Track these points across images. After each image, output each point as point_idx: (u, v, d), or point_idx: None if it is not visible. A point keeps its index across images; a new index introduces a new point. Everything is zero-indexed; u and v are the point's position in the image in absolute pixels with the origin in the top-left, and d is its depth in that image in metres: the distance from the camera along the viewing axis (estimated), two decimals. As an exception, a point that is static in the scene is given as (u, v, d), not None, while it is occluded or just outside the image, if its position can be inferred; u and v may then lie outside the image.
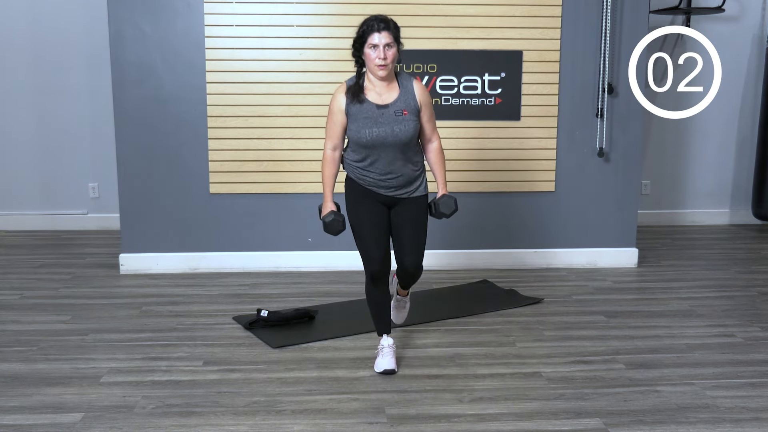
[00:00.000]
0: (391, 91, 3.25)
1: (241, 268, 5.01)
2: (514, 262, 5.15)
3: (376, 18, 3.18)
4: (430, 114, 3.32)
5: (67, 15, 5.97)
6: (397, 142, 3.21)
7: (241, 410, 2.96)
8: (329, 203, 3.36)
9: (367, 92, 3.24)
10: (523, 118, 4.98)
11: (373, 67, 3.18)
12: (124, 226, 4.94)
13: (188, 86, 4.80)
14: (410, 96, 3.25)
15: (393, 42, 3.15)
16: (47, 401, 3.02)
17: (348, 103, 3.23)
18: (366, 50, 3.18)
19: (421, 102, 3.27)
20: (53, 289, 4.58)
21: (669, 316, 4.17)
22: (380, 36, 3.13)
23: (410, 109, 3.23)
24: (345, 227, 3.37)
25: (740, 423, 2.88)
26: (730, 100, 6.49)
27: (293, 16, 4.76)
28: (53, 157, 6.18)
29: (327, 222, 3.33)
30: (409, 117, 3.22)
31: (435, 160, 3.40)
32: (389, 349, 3.36)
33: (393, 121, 3.20)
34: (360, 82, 3.26)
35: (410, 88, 3.27)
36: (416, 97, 3.26)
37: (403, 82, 3.28)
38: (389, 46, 3.14)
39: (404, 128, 3.21)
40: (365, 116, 3.21)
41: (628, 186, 5.13)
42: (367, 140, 3.20)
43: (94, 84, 6.04)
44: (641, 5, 4.94)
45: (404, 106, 3.23)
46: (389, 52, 3.14)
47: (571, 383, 3.24)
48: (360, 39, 3.20)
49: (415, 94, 3.27)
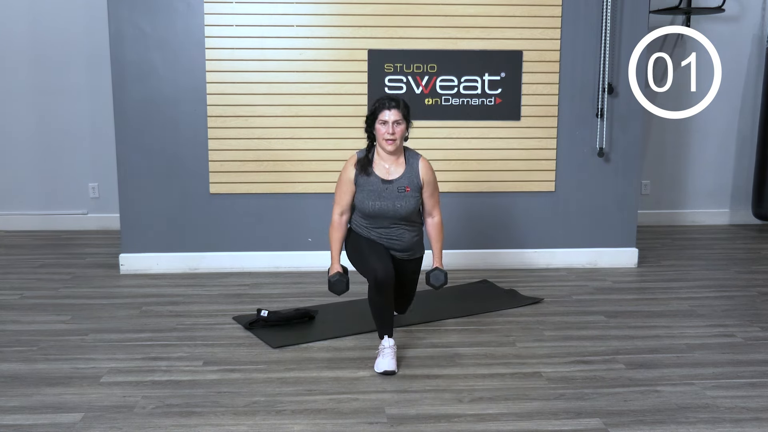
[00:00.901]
0: (397, 167, 3.55)
1: (241, 268, 5.01)
2: (514, 262, 5.15)
3: (387, 97, 3.52)
4: (432, 191, 3.59)
5: (67, 15, 5.97)
6: (398, 216, 3.53)
7: (241, 410, 2.96)
8: (336, 265, 3.60)
9: (375, 166, 3.55)
10: (523, 118, 4.98)
11: (382, 142, 3.48)
12: (124, 226, 4.94)
13: (188, 86, 4.80)
14: (414, 174, 3.54)
15: (402, 119, 3.45)
16: (47, 401, 3.02)
17: (357, 174, 3.55)
18: (377, 125, 3.49)
19: (424, 180, 3.55)
20: (53, 289, 4.58)
21: (669, 316, 4.17)
22: (390, 113, 3.44)
23: (413, 186, 3.53)
24: (348, 288, 3.60)
25: (740, 423, 2.88)
26: (730, 100, 6.49)
27: (293, 16, 4.76)
28: (53, 157, 6.19)
29: (332, 281, 3.56)
30: (411, 194, 3.52)
31: (433, 234, 3.66)
32: (390, 350, 3.37)
33: (395, 197, 3.50)
34: (369, 155, 3.57)
35: (415, 166, 3.55)
36: (420, 175, 3.55)
37: (410, 159, 3.57)
38: (398, 123, 3.44)
39: (405, 204, 3.51)
40: (370, 189, 3.52)
41: (628, 186, 5.13)
42: (369, 211, 3.53)
43: (94, 84, 6.04)
44: (641, 5, 4.94)
45: (407, 182, 3.52)
46: (398, 128, 3.44)
47: (571, 383, 3.24)
48: (372, 115, 3.51)
49: (419, 172, 3.55)
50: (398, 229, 3.58)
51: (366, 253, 3.53)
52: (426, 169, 3.56)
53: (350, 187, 3.56)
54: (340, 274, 3.57)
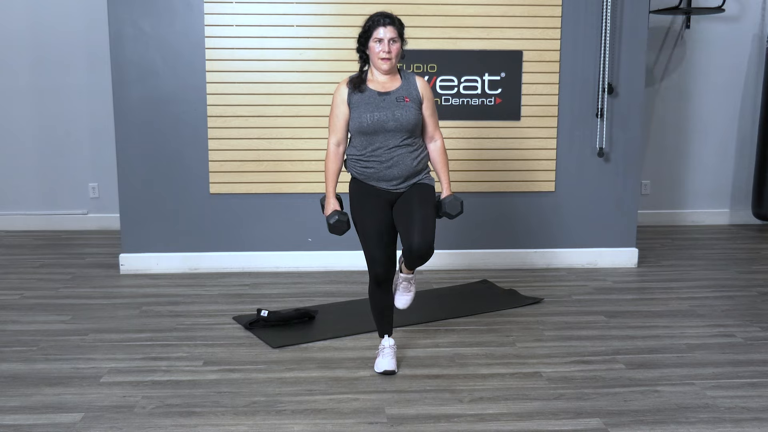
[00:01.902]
0: (393, 83, 3.28)
1: (241, 268, 5.01)
2: (514, 262, 5.15)
3: (381, 14, 3.23)
4: (432, 109, 3.33)
5: (68, 15, 5.97)
6: (398, 128, 3.21)
7: (241, 410, 2.96)
8: (332, 199, 3.34)
9: (369, 83, 3.28)
10: (523, 118, 4.98)
11: (377, 61, 3.23)
12: (124, 226, 4.94)
13: (188, 86, 4.80)
14: (413, 87, 3.29)
15: (397, 37, 3.21)
16: (47, 401, 3.02)
17: (350, 93, 3.27)
18: (371, 44, 3.23)
19: (423, 94, 3.29)
20: (53, 289, 4.58)
21: (669, 316, 4.17)
22: (385, 30, 3.18)
23: (412, 98, 3.26)
24: (350, 226, 3.33)
25: (740, 423, 2.88)
26: (730, 100, 6.49)
27: (293, 16, 4.76)
28: (53, 157, 6.19)
29: (332, 223, 3.29)
30: (410, 104, 3.24)
31: (438, 159, 3.38)
32: (390, 350, 3.36)
33: (394, 106, 3.21)
34: (363, 75, 3.30)
35: (413, 81, 3.31)
36: (418, 88, 3.29)
37: (406, 76, 3.33)
38: (393, 41, 3.20)
39: (405, 113, 3.21)
40: (366, 102, 3.23)
41: (628, 186, 5.13)
42: (368, 124, 3.20)
43: (94, 84, 6.04)
44: (641, 5, 4.94)
45: (406, 93, 3.26)
46: (393, 47, 3.20)
47: (571, 383, 3.24)
48: (365, 33, 3.25)
49: (417, 86, 3.30)
50: (398, 150, 3.22)
51: (367, 228, 3.26)
52: (424, 85, 3.31)
53: (344, 109, 3.26)
54: (339, 212, 3.29)
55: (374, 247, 3.24)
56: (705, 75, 6.43)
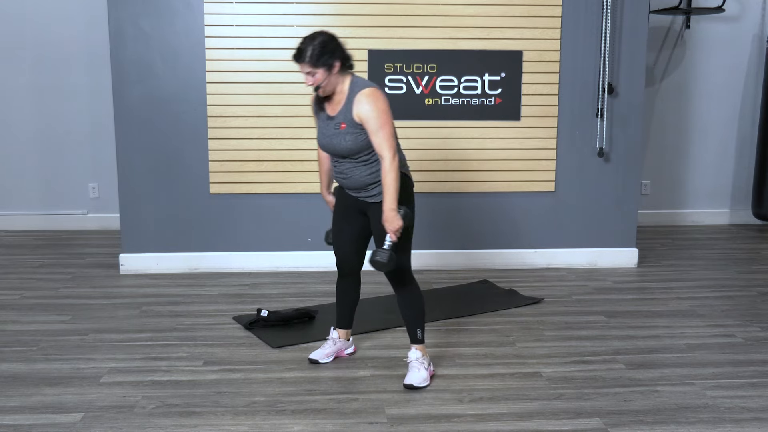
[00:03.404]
0: (340, 102, 3.20)
1: (241, 268, 5.01)
2: (514, 262, 5.15)
3: (297, 47, 3.13)
4: (374, 128, 3.11)
5: (68, 15, 5.97)
6: (337, 154, 3.23)
7: (241, 410, 2.96)
8: (327, 197, 3.52)
9: (328, 101, 3.24)
10: (523, 118, 4.98)
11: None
12: (124, 226, 4.94)
13: (188, 86, 4.80)
14: (349, 110, 3.16)
15: (313, 69, 3.10)
16: (47, 401, 3.02)
17: (314, 109, 3.34)
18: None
19: (359, 116, 3.13)
20: (53, 289, 4.58)
21: (669, 316, 4.17)
22: (300, 66, 3.14)
23: (348, 122, 3.16)
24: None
25: (740, 423, 2.88)
26: (730, 100, 6.49)
27: (293, 16, 4.76)
28: (53, 156, 6.19)
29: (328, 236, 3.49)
30: (346, 130, 3.16)
31: (382, 179, 3.14)
32: (330, 342, 3.51)
33: (332, 133, 3.20)
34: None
35: (351, 101, 3.16)
36: (353, 111, 3.14)
37: (351, 95, 3.17)
38: (311, 74, 3.12)
39: (340, 141, 3.17)
40: (320, 125, 3.30)
41: (628, 186, 5.13)
42: (320, 147, 3.33)
43: (95, 84, 6.04)
44: (641, 5, 4.94)
45: (343, 119, 3.17)
46: (314, 78, 3.12)
47: (571, 383, 3.24)
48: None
49: (353, 108, 3.14)
50: (346, 164, 3.24)
51: (333, 226, 3.42)
52: (360, 103, 3.12)
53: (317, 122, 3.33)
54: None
55: (336, 242, 3.42)
56: (705, 75, 6.43)
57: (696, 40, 6.37)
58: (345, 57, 3.16)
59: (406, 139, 4.92)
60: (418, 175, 4.95)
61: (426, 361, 3.28)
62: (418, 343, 3.31)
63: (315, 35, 3.13)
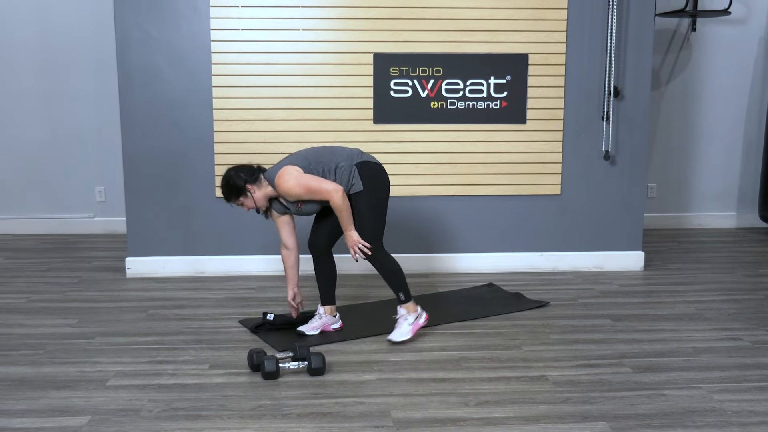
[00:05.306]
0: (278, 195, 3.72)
1: (247, 271, 5.01)
2: (520, 266, 5.14)
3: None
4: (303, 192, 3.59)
5: (74, 19, 6.00)
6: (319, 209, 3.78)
7: (247, 414, 2.97)
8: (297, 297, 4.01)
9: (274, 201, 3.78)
10: (528, 122, 4.98)
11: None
12: (130, 230, 4.95)
13: (194, 90, 4.81)
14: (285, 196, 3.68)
15: (237, 201, 3.70)
16: (54, 404, 3.03)
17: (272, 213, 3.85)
18: None
19: (284, 196, 3.66)
20: (60, 293, 4.60)
21: (675, 319, 4.16)
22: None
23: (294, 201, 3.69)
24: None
25: (747, 427, 2.87)
26: (737, 103, 6.48)
27: (299, 20, 4.77)
28: (60, 160, 6.21)
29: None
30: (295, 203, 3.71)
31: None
32: (317, 316, 3.86)
33: (297, 210, 3.75)
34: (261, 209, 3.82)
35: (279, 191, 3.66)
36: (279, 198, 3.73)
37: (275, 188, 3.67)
38: (240, 205, 3.72)
39: (305, 209, 3.73)
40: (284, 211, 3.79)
41: (635, 189, 5.12)
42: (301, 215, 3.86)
43: (101, 88, 6.06)
44: (647, 8, 4.93)
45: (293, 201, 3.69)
46: (245, 207, 3.72)
47: (578, 387, 3.23)
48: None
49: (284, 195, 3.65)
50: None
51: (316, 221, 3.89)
52: (281, 189, 3.62)
53: (279, 221, 3.82)
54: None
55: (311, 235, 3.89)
56: (711, 78, 6.42)
57: (702, 43, 6.36)
58: (250, 178, 3.67)
59: (411, 143, 4.94)
60: (423, 178, 4.98)
61: (411, 318, 3.71)
62: (401, 303, 3.73)
63: (222, 178, 3.70)
